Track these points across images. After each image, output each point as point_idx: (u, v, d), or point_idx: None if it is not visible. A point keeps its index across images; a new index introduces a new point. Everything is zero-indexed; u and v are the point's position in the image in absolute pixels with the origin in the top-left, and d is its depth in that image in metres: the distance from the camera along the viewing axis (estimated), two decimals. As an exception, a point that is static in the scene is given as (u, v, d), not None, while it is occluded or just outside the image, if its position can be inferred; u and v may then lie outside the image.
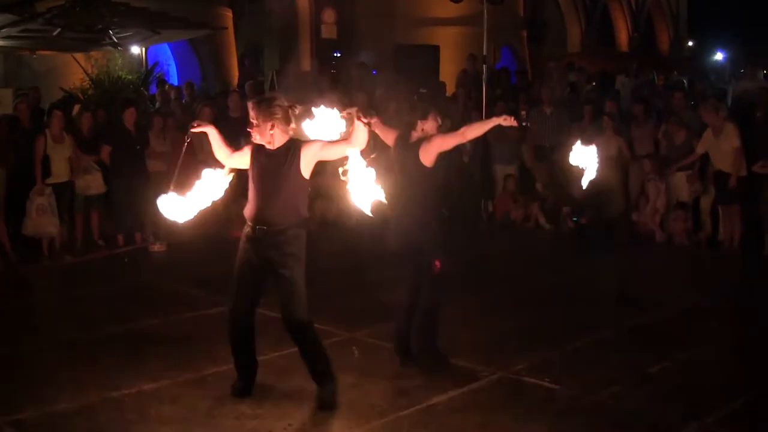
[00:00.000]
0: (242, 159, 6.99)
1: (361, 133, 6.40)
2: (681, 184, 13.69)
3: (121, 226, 13.60)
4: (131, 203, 13.44)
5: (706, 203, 13.60)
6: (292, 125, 6.73)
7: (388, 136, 7.87)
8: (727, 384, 7.49)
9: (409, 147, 7.61)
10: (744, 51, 31.35)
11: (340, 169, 6.34)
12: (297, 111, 6.76)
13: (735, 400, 7.07)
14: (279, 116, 6.64)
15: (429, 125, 7.72)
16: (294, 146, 6.68)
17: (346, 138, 6.57)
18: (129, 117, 13.51)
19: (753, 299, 10.58)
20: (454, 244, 10.36)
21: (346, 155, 6.38)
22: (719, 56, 35.19)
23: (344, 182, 6.37)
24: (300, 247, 6.75)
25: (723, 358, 8.30)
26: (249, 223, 6.85)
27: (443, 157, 7.72)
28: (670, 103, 14.89)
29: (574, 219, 14.19)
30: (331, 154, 6.65)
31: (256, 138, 6.76)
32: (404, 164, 7.62)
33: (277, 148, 6.71)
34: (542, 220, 14.84)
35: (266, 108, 6.65)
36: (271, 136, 6.68)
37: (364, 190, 6.32)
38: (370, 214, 6.40)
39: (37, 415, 6.70)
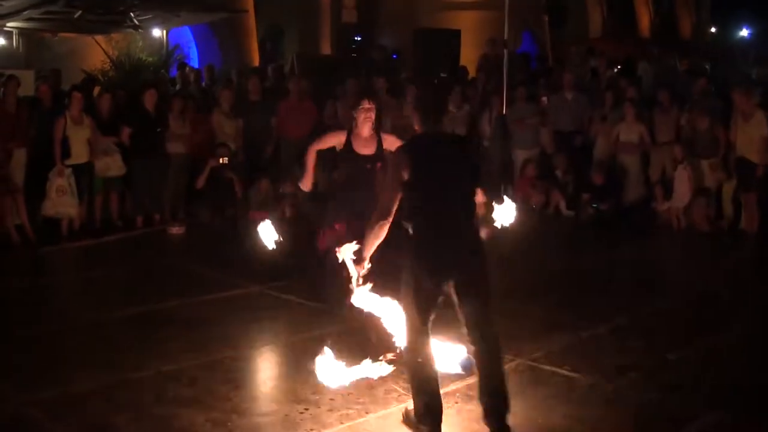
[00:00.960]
0: None
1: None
2: (704, 171, 13.59)
3: (141, 208, 13.62)
4: (151, 185, 13.48)
5: (728, 190, 13.49)
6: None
7: None
8: (748, 372, 7.44)
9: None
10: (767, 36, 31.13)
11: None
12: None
13: (757, 388, 7.02)
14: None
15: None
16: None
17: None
18: (149, 99, 13.51)
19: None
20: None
21: None
22: (744, 32, 34.92)
23: None
24: (403, 258, 5.94)
25: (744, 346, 8.24)
26: None
27: None
28: (693, 90, 14.76)
29: (594, 205, 14.11)
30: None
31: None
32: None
33: None
34: (562, 206, 14.76)
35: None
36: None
37: None
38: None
39: (56, 395, 6.71)
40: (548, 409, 6.54)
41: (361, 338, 7.22)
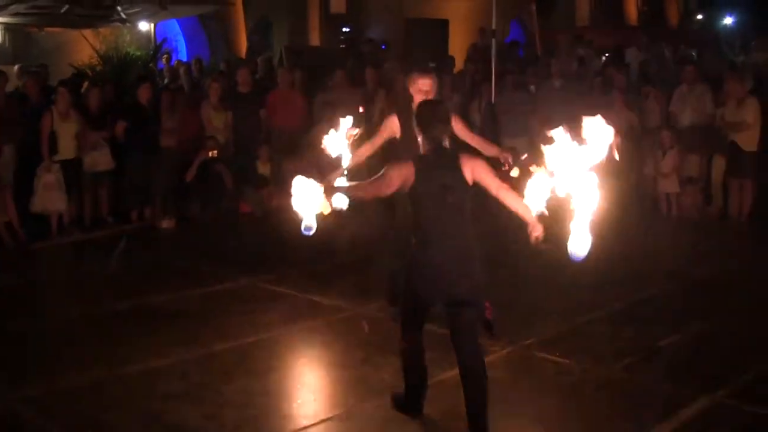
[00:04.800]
0: None
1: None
2: (692, 157, 13.60)
3: (134, 203, 13.52)
4: (145, 179, 13.36)
5: (717, 176, 13.49)
6: None
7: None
8: (738, 356, 7.47)
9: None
10: (753, 22, 31.15)
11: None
12: None
13: (746, 372, 7.05)
14: None
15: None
16: None
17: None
18: (144, 93, 13.37)
19: (763, 271, 10.51)
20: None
21: None
22: (729, 20, 35.01)
23: None
24: None
25: (734, 330, 8.23)
26: None
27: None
28: (681, 77, 14.75)
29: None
30: None
31: None
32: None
33: None
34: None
35: None
36: None
37: None
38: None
39: (47, 391, 6.70)
40: (541, 394, 6.56)
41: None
